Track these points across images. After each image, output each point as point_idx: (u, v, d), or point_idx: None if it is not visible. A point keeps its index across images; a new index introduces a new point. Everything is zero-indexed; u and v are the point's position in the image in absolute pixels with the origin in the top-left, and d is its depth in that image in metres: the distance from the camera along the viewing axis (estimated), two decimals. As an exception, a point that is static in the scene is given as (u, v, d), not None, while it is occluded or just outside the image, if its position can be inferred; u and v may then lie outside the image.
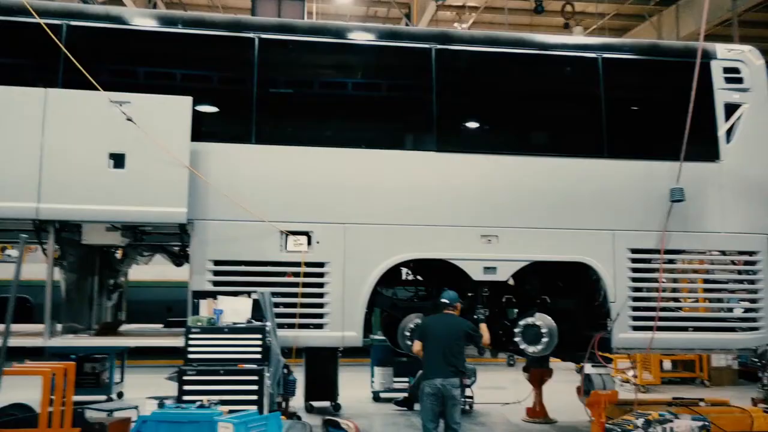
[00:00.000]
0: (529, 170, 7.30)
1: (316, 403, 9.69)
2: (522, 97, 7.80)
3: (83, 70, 6.39)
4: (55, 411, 5.40)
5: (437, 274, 7.53)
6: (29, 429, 5.48)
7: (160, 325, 8.86)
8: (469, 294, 7.32)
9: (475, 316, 7.11)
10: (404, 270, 7.87)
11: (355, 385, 10.91)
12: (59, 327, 6.72)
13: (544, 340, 7.25)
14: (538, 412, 9.17)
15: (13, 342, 5.07)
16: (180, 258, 8.13)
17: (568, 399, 9.09)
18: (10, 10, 6.81)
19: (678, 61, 7.71)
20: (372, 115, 7.61)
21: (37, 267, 7.02)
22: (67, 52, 6.50)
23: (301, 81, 7.58)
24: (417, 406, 9.42)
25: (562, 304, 7.68)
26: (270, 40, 7.14)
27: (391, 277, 7.25)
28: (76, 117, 6.39)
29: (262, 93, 7.11)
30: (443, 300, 6.70)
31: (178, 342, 6.30)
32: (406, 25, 18.01)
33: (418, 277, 8.05)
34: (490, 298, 7.40)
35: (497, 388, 11.42)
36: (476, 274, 7.09)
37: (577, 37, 14.63)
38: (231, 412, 5.17)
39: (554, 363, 9.29)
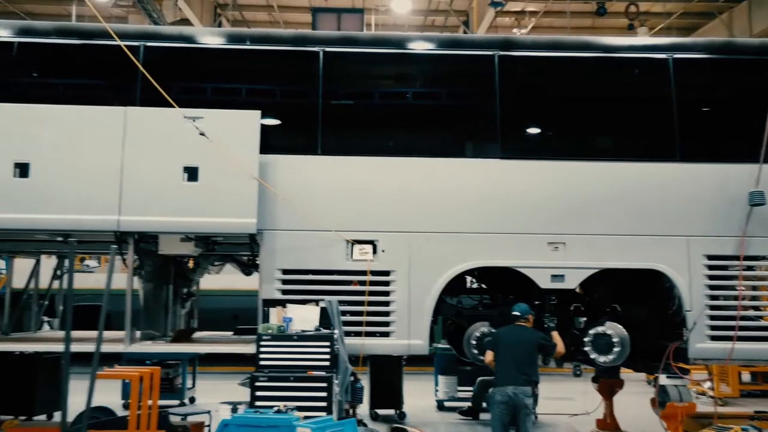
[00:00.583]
0: (597, 175, 7.15)
1: (381, 411, 9.73)
2: (588, 102, 7.66)
3: (159, 89, 6.69)
4: (143, 413, 5.67)
5: (502, 282, 7.46)
6: (119, 431, 5.75)
7: (229, 333, 9.12)
8: (536, 302, 7.20)
9: (546, 325, 7.00)
10: (468, 278, 7.84)
11: (419, 394, 10.88)
12: (138, 334, 7.04)
13: (616, 349, 7.05)
14: (608, 424, 8.89)
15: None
16: (249, 267, 8.37)
17: (640, 411, 8.79)
18: (92, 34, 7.24)
19: (755, 59, 7.42)
20: (435, 124, 7.63)
21: (114, 276, 7.35)
22: (144, 71, 6.83)
23: (365, 92, 7.71)
24: (482, 416, 9.35)
25: (633, 313, 7.44)
26: (334, 53, 7.29)
27: (455, 285, 7.23)
28: (152, 133, 6.71)
29: (327, 105, 7.26)
30: (515, 312, 6.61)
31: (250, 349, 6.47)
32: (465, 32, 17.99)
33: (483, 286, 7.99)
34: (557, 307, 7.27)
35: (564, 399, 11.15)
36: (543, 282, 6.99)
37: (646, 38, 14.20)
38: (306, 418, 5.28)
39: (623, 373, 9.00)
